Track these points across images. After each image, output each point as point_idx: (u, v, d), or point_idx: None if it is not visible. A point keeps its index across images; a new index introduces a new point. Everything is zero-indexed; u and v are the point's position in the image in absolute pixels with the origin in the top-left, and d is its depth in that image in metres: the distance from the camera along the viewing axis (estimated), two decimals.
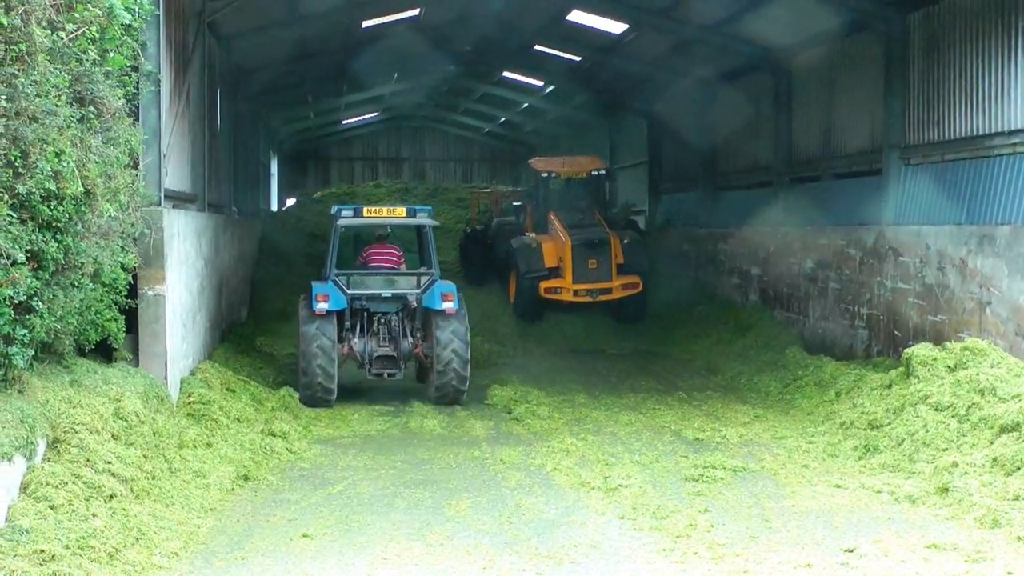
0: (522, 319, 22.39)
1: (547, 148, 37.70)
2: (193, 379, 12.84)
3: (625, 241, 22.91)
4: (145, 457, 9.19)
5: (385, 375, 15.23)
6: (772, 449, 11.97)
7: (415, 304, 15.16)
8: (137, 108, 11.52)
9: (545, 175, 24.02)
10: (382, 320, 15.27)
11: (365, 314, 15.33)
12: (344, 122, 43.08)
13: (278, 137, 38.64)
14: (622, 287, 22.28)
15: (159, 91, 12.14)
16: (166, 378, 11.59)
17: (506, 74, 32.49)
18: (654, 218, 28.82)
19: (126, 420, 9.39)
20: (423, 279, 15.25)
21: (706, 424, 13.39)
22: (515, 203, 25.70)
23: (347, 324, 15.14)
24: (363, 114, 42.61)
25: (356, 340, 15.17)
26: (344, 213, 15.28)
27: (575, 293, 22.06)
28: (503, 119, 42.05)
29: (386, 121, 46.63)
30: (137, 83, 11.12)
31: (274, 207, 38.58)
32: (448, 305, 14.73)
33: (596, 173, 24.08)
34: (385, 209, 15.52)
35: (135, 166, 10.94)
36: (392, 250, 16.30)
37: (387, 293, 15.18)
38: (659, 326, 22.52)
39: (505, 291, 23.80)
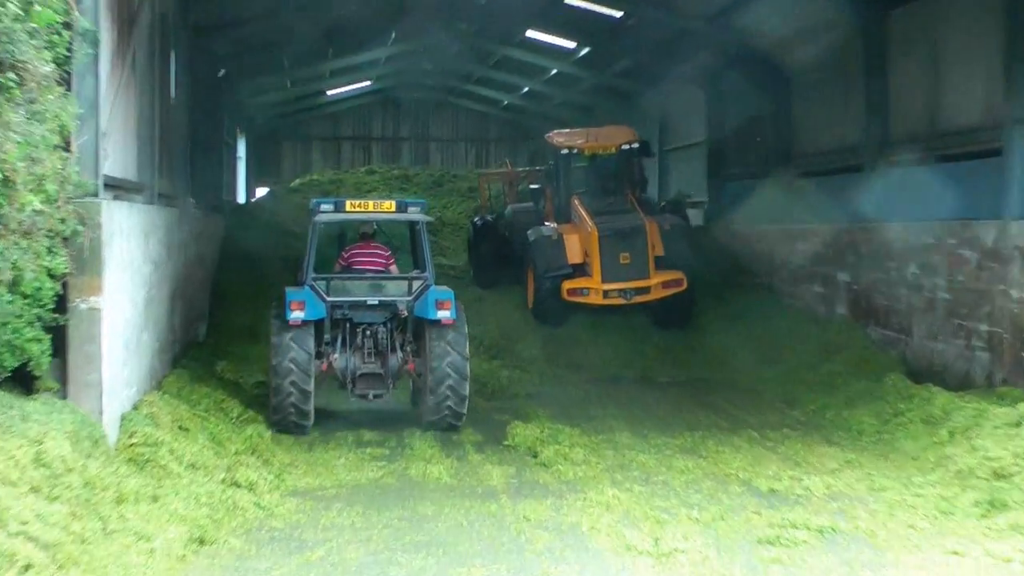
0: (543, 324, 22.61)
1: (580, 125, 37.62)
2: (137, 415, 12.78)
3: (665, 228, 22.99)
4: (73, 515, 9.04)
5: (370, 396, 15.97)
6: (868, 504, 11.82)
7: (406, 313, 15.83)
8: (69, 75, 11.46)
9: (566, 152, 24.12)
10: (367, 332, 15.94)
11: (347, 325, 15.95)
12: (329, 93, 43.33)
13: (247, 112, 38.83)
14: (662, 285, 22.34)
15: (97, 54, 12.11)
16: (102, 414, 11.50)
17: (530, 34, 32.48)
18: (715, 211, 28.70)
19: (49, 468, 9.26)
20: (415, 284, 15.87)
21: (783, 471, 13.28)
22: (532, 186, 25.90)
23: (326, 336, 15.80)
24: (353, 83, 42.76)
25: (337, 355, 15.79)
26: (323, 207, 15.95)
27: (605, 294, 22.22)
28: (526, 89, 42.10)
29: (381, 92, 46.83)
30: (70, 44, 11.03)
31: (241, 198, 38.74)
32: (444, 314, 15.34)
33: (628, 147, 24.12)
34: (371, 202, 16.18)
35: (66, 148, 10.91)
36: (379, 250, 16.94)
37: (373, 300, 15.81)
38: (722, 346, 22.39)
39: (525, 296, 23.93)
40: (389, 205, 16.00)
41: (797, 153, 24.41)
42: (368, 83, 43.74)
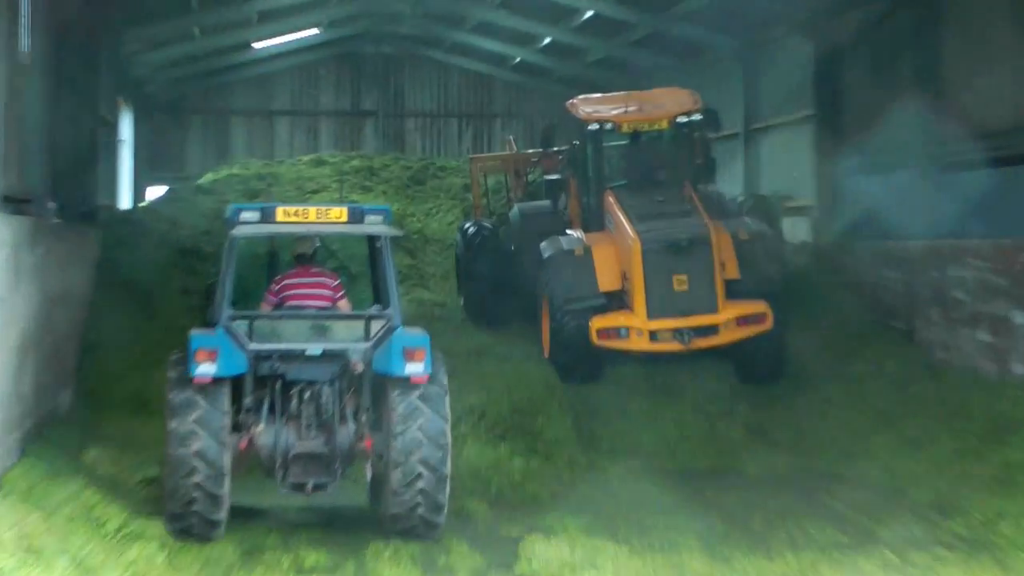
0: (567, 382, 22.71)
1: (625, 90, 37.71)
2: None
3: (741, 238, 23.25)
4: None
5: (309, 487, 15.96)
6: None
7: (361, 367, 16.05)
8: None
9: (595, 127, 24.25)
10: (306, 395, 16.08)
11: (278, 385, 16.08)
12: (257, 47, 43.54)
13: (136, 75, 38.97)
14: (736, 322, 22.54)
15: None
16: None
17: None
18: (827, 218, 28.62)
19: None
20: (375, 326, 16.08)
21: None
22: (548, 177, 26.05)
23: (247, 401, 15.97)
24: (292, 32, 42.86)
25: (262, 427, 15.91)
26: (245, 216, 16.13)
27: (652, 336, 22.41)
28: (547, 41, 42.30)
29: (334, 46, 46.97)
30: None
31: (127, 202, 38.74)
32: (414, 368, 15.56)
33: (685, 119, 24.36)
34: (313, 210, 16.33)
35: None
36: (324, 278, 17.29)
37: (315, 349, 16.04)
38: (840, 423, 22.27)
39: (540, 337, 24.13)
40: (339, 213, 16.19)
41: (951, 134, 24.31)
42: (315, 31, 43.88)
